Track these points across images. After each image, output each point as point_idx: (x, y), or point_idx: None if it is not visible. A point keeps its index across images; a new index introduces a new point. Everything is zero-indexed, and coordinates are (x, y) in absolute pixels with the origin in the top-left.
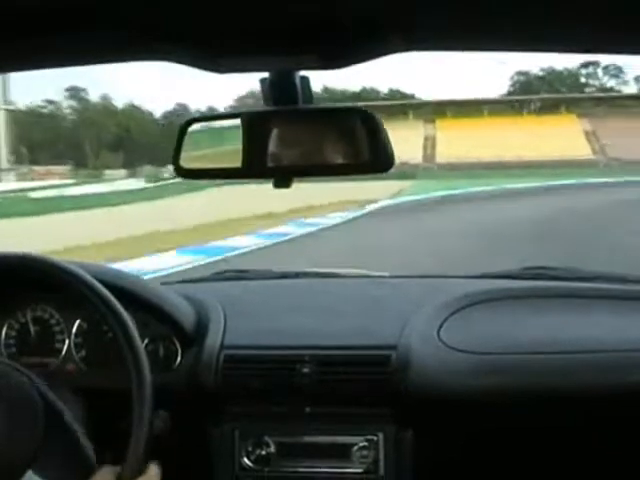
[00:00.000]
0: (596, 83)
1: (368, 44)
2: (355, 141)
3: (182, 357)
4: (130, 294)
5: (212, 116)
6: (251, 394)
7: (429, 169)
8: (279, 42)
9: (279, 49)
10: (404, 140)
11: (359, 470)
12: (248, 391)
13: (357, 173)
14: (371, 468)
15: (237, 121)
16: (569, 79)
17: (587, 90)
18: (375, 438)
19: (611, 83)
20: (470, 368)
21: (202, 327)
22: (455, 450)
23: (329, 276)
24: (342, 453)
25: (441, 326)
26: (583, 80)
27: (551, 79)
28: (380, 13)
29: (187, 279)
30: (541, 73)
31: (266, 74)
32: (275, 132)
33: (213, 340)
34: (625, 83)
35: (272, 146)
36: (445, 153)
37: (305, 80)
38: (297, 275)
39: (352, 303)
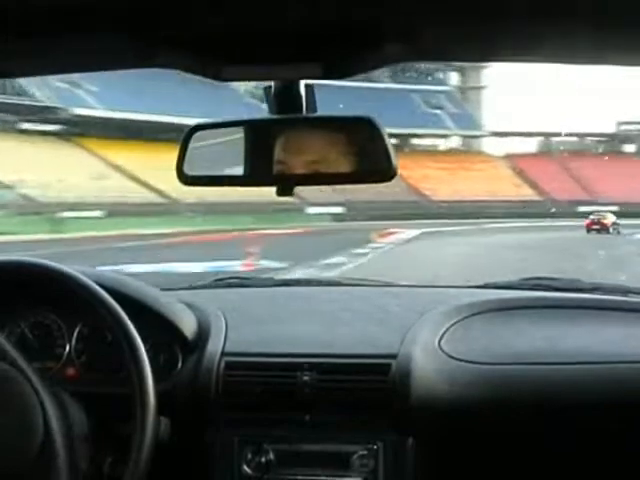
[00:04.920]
0: None
1: (371, 54)
2: (359, 150)
3: (183, 364)
4: (131, 300)
5: (216, 123)
6: (251, 401)
7: None
8: (283, 51)
9: (283, 58)
10: None
11: (358, 479)
12: (248, 398)
13: (360, 182)
14: (370, 477)
15: None
16: None
17: None
18: (375, 447)
19: None
20: (471, 378)
21: (203, 334)
22: (455, 459)
23: (331, 284)
24: (341, 461)
25: (442, 336)
26: None
27: None
28: (383, 23)
29: (188, 286)
30: None
31: (270, 83)
32: (279, 140)
33: (214, 347)
34: None
35: (276, 154)
36: None
37: (309, 89)
38: (298, 282)
39: (353, 311)
